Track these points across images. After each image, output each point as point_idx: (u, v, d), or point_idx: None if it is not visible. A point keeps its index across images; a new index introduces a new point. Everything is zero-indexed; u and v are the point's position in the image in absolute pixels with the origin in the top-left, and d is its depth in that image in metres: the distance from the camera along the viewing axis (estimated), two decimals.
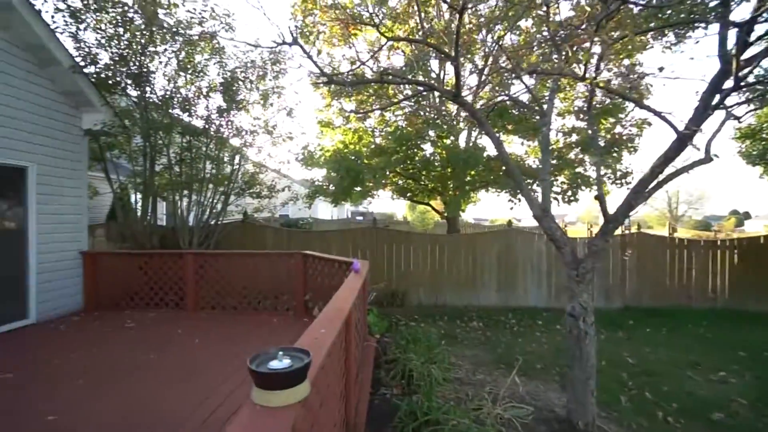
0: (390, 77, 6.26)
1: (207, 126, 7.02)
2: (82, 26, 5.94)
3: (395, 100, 8.45)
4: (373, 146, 8.95)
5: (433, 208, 10.95)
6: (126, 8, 6.09)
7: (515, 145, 9.87)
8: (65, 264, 5.53)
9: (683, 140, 2.69)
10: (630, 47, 4.55)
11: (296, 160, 8.92)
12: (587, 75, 3.15)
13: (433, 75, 9.24)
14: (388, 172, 8.23)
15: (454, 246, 8.01)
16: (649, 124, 8.09)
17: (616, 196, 9.28)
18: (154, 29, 6.25)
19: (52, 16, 5.70)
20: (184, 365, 3.73)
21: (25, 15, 4.72)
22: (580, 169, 8.30)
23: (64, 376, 3.45)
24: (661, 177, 2.95)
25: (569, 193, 8.43)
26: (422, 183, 9.30)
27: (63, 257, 5.50)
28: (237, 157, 7.76)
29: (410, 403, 3.16)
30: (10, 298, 4.90)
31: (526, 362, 4.64)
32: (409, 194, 9.75)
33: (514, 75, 5.07)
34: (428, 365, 3.92)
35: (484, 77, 8.45)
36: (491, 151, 8.37)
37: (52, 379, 3.40)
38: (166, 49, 6.58)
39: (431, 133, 8.53)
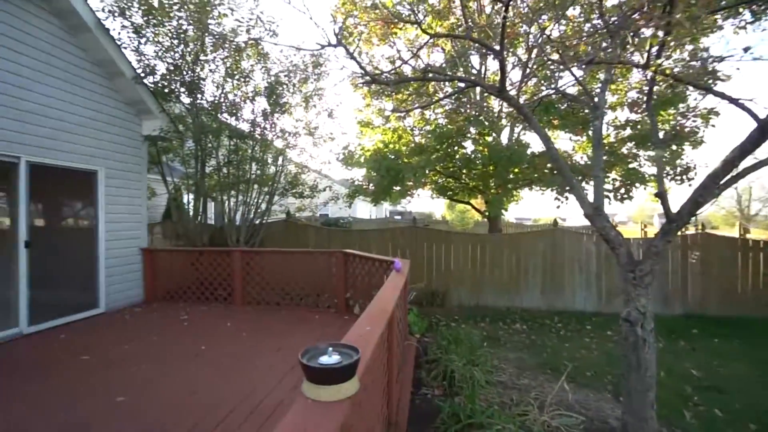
0: (432, 75, 6.17)
1: (252, 129, 7.36)
2: (142, 40, 6.44)
3: (436, 98, 8.33)
4: (412, 145, 8.90)
5: (474, 207, 10.70)
6: (180, 21, 6.52)
7: (562, 141, 9.39)
8: (128, 259, 6.02)
9: (766, 129, 2.40)
10: (695, 30, 4.14)
11: (337, 160, 9.08)
12: (650, 62, 2.90)
13: (474, 71, 9.01)
14: (428, 171, 8.13)
15: (496, 246, 7.78)
16: (717, 114, 7.35)
17: (675, 194, 8.49)
18: (205, 39, 6.64)
19: (118, 33, 6.25)
20: (234, 356, 3.92)
21: (99, 36, 5.25)
22: (634, 165, 7.73)
23: (131, 359, 3.80)
24: (735, 171, 2.65)
25: (622, 190, 7.88)
26: (463, 181, 9.11)
27: (126, 253, 5.99)
28: (280, 159, 8.04)
29: (453, 404, 3.10)
30: (85, 289, 5.45)
31: (574, 369, 4.38)
32: (449, 193, 9.58)
33: (562, 67, 4.81)
34: (470, 367, 3.83)
35: (528, 70, 8.12)
36: (535, 147, 8.03)
37: (121, 361, 3.75)
38: (215, 57, 6.96)
39: (472, 130, 8.32)
